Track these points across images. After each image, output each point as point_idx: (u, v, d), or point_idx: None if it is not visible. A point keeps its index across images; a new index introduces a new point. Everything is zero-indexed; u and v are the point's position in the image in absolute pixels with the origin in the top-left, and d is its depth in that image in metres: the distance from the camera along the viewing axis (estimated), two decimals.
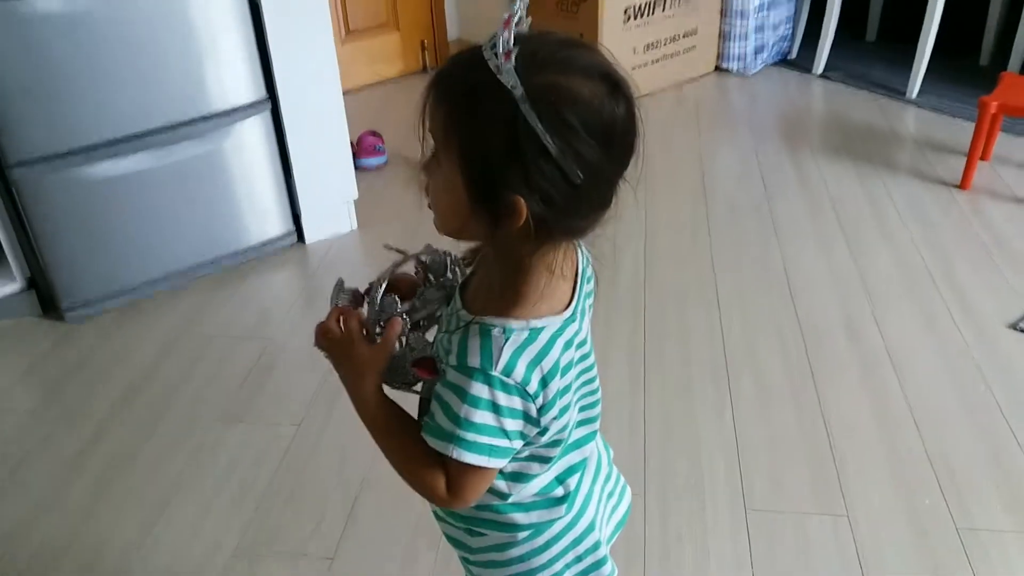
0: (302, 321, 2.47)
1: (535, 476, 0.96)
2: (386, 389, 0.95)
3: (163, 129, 2.38)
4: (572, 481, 1.00)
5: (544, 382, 0.85)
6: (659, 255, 2.67)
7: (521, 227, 0.79)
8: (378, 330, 0.93)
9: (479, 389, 0.83)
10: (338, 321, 0.94)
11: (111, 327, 2.45)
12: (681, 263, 2.63)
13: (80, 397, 2.19)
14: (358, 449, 1.98)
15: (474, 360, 0.84)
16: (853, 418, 2.03)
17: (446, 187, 0.82)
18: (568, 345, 0.89)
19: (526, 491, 0.97)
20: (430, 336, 0.96)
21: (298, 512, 1.83)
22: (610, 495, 1.11)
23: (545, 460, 0.96)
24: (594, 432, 1.03)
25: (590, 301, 0.97)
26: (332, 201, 2.82)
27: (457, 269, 1.01)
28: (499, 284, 0.87)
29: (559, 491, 1.00)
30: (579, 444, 1.00)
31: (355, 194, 2.84)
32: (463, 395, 0.84)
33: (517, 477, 0.96)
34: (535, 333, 0.85)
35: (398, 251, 1.02)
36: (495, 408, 0.84)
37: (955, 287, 2.47)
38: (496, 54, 0.76)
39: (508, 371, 0.83)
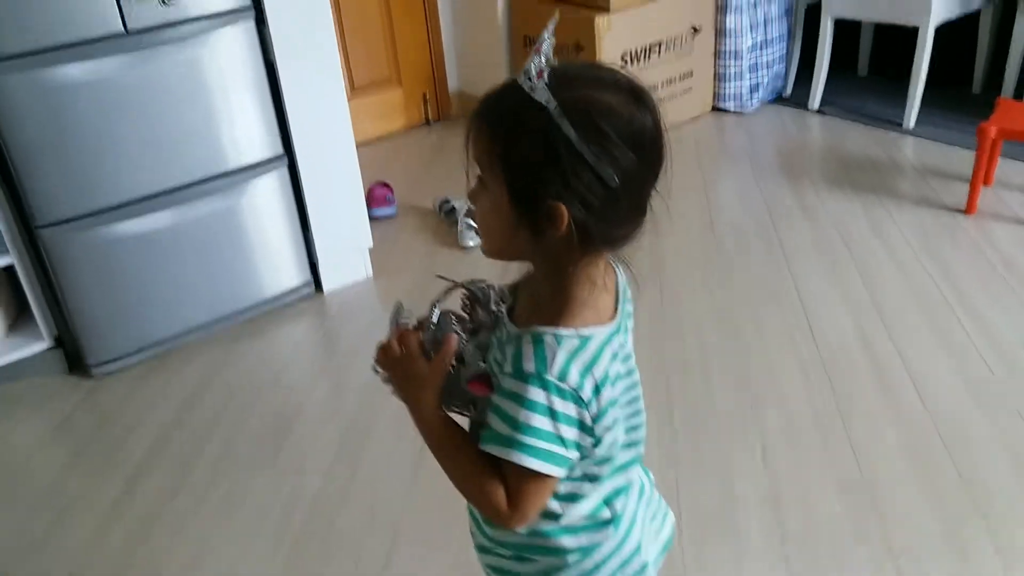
0: (323, 370, 2.50)
1: (585, 497, 0.99)
2: None
3: (185, 187, 2.43)
4: (619, 503, 1.03)
5: (597, 389, 0.89)
6: (673, 287, 2.71)
7: (563, 235, 0.85)
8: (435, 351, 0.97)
9: (536, 394, 0.87)
10: (398, 341, 0.98)
11: (137, 382, 2.47)
12: (695, 295, 2.67)
13: (109, 452, 2.21)
14: (389, 494, 2.00)
15: (529, 365, 0.88)
16: (882, 445, 2.04)
17: (492, 206, 0.89)
18: (615, 357, 0.93)
19: (576, 513, 1.00)
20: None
21: (333, 558, 1.84)
22: (653, 518, 1.13)
23: (595, 479, 0.98)
24: (638, 456, 1.05)
25: (630, 323, 1.00)
26: (348, 250, 2.86)
27: (501, 301, 1.06)
28: (546, 296, 0.92)
29: (606, 513, 1.02)
30: (624, 467, 1.02)
31: (370, 243, 2.89)
32: (521, 400, 0.88)
33: (570, 498, 0.98)
34: (585, 341, 0.89)
35: (449, 280, 1.06)
36: (552, 413, 0.88)
37: (970, 310, 2.50)
38: (530, 77, 0.83)
39: (563, 376, 0.87)
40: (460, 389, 0.96)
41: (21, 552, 1.92)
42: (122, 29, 2.20)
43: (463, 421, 1.00)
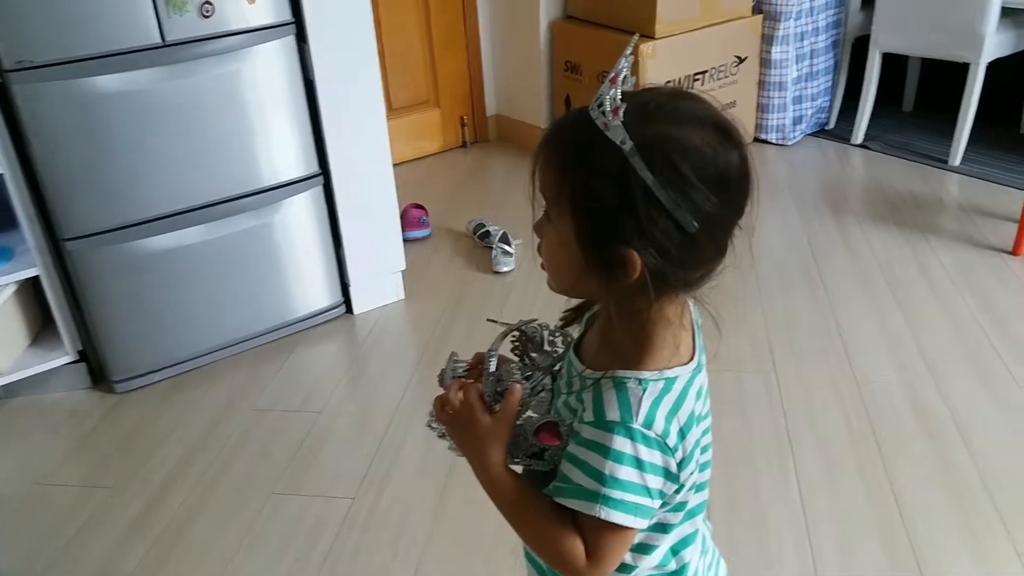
0: (352, 394, 2.45)
1: (657, 547, 0.93)
2: None
3: (217, 203, 2.40)
4: (686, 553, 0.97)
5: (682, 433, 0.83)
6: (710, 322, 2.62)
7: (637, 280, 0.79)
8: (496, 403, 0.92)
9: (621, 443, 0.81)
10: (457, 394, 0.93)
11: (161, 399, 2.43)
12: (733, 331, 2.59)
13: (131, 471, 2.17)
14: (415, 522, 1.94)
15: (613, 414, 0.82)
16: (923, 487, 1.97)
17: (560, 244, 0.83)
18: (699, 395, 0.87)
19: (646, 564, 0.94)
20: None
21: None
22: (710, 567, 1.07)
23: (668, 528, 0.92)
24: (705, 501, 0.98)
25: (704, 357, 0.94)
26: (380, 272, 2.82)
27: (557, 339, 1.00)
28: (623, 338, 0.85)
29: (672, 564, 0.96)
30: (692, 514, 0.96)
31: (403, 265, 2.84)
32: (605, 451, 0.81)
33: (642, 548, 0.92)
34: (670, 383, 0.84)
35: (502, 323, 1.00)
36: (638, 464, 0.82)
37: (1016, 353, 2.41)
38: (604, 112, 0.76)
39: (649, 423, 0.81)
40: (527, 441, 0.90)
41: (37, 571, 1.88)
42: (159, 40, 2.17)
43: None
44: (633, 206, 0.76)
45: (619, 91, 0.77)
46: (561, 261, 0.84)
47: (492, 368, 0.92)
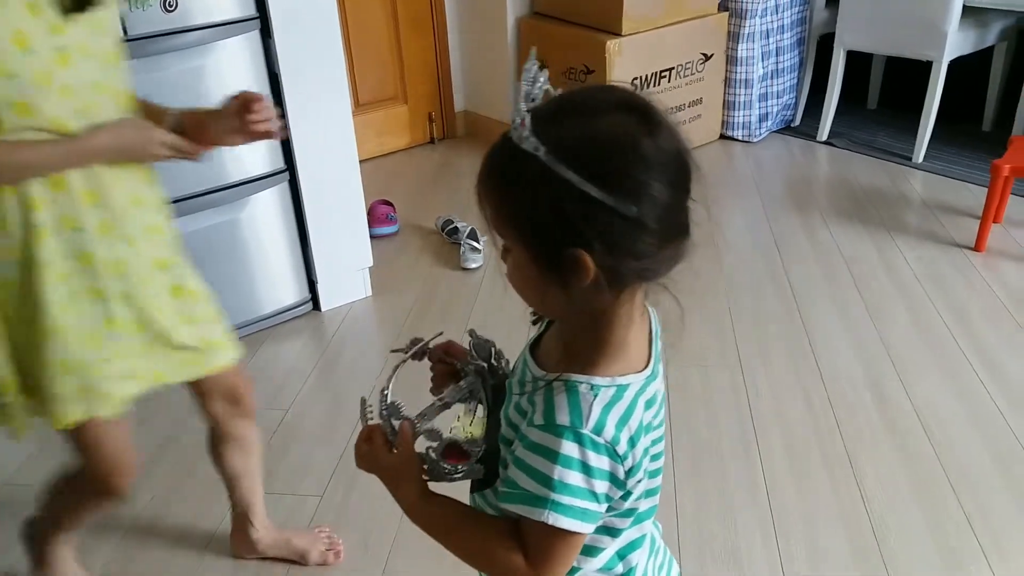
0: (319, 390, 2.44)
1: (603, 550, 0.93)
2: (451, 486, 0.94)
3: (182, 199, 2.37)
4: (633, 557, 0.97)
5: (632, 442, 0.83)
6: (676, 320, 2.64)
7: (592, 280, 0.78)
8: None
9: (570, 448, 0.81)
10: (366, 439, 0.95)
11: None
12: (700, 328, 2.61)
13: None
14: (383, 517, 1.94)
15: (563, 418, 0.81)
16: (888, 483, 1.99)
17: (516, 266, 0.83)
18: (649, 404, 0.87)
19: (590, 566, 0.94)
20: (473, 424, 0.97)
21: None
22: (660, 568, 1.07)
23: (615, 532, 0.92)
24: (655, 507, 0.98)
25: (660, 367, 0.94)
26: (348, 269, 2.81)
27: (501, 361, 1.03)
28: (580, 341, 0.85)
29: (619, 568, 0.96)
30: (641, 519, 0.95)
31: (370, 261, 2.83)
32: (554, 456, 0.81)
33: (588, 550, 0.92)
34: (621, 390, 0.84)
35: (401, 351, 1.03)
36: (586, 468, 0.81)
37: (979, 349, 2.45)
38: (515, 127, 0.77)
39: (599, 429, 0.81)
40: (440, 466, 0.92)
41: (2, 569, 1.85)
42: (121, 35, 2.13)
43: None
44: (564, 208, 0.76)
45: (525, 104, 0.78)
46: (522, 282, 0.84)
47: (381, 410, 0.94)
